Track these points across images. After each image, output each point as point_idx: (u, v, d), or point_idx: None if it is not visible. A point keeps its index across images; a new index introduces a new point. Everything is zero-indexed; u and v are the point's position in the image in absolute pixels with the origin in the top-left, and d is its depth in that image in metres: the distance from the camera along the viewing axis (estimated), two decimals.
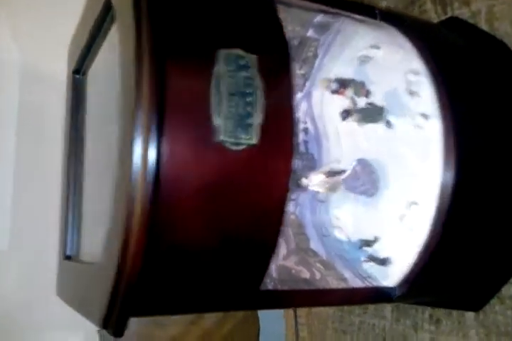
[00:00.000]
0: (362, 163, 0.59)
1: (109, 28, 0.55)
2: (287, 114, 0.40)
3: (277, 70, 0.40)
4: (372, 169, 0.58)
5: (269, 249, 0.41)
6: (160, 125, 0.36)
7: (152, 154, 0.36)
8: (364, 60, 0.59)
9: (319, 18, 0.57)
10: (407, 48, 0.54)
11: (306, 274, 0.56)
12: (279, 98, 0.39)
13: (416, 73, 0.52)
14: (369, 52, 0.58)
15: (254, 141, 0.38)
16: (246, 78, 0.38)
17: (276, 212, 0.40)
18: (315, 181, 0.57)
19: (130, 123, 0.36)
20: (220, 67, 0.37)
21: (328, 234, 0.63)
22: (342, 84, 0.60)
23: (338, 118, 0.61)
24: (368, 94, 0.58)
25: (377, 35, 0.57)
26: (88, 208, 0.64)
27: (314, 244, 0.61)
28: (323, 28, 0.58)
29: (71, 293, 0.61)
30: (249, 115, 0.37)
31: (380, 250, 0.57)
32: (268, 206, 0.40)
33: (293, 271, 0.55)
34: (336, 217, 0.62)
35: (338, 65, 0.60)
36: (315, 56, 0.60)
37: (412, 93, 0.52)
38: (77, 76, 0.66)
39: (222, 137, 0.37)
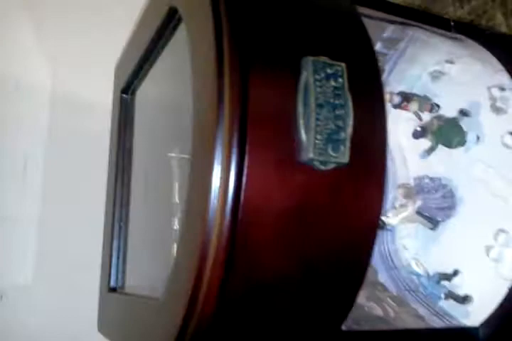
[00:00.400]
0: (433, 181, 0.54)
1: (165, 45, 0.52)
2: (380, 129, 0.35)
3: (367, 79, 0.36)
4: (445, 186, 0.53)
5: (357, 281, 0.36)
6: (242, 143, 0.31)
7: (233, 177, 0.31)
8: (436, 75, 0.54)
9: (389, 32, 0.53)
10: (488, 62, 0.49)
11: (378, 311, 0.50)
12: (371, 111, 0.35)
13: (502, 88, 0.48)
14: (442, 67, 0.54)
15: (345, 159, 0.33)
16: (335, 88, 0.33)
17: (367, 240, 0.35)
18: (391, 217, 0.52)
19: (207, 142, 0.32)
20: (307, 76, 0.33)
21: (395, 266, 0.57)
22: (405, 98, 0.55)
23: (406, 137, 0.56)
24: (432, 109, 0.54)
25: (451, 48, 0.53)
26: (136, 236, 0.60)
27: (383, 277, 0.55)
28: (391, 43, 0.54)
29: (117, 328, 0.56)
30: (339, 130, 0.33)
31: (460, 285, 0.51)
32: (358, 234, 0.35)
33: (366, 309, 0.49)
34: (404, 246, 0.57)
35: (405, 80, 0.56)
36: (381, 71, 0.56)
37: (497, 110, 0.48)
38: (125, 96, 0.63)
39: (311, 155, 0.32)
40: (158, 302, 0.39)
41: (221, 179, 0.31)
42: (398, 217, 0.51)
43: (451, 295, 0.51)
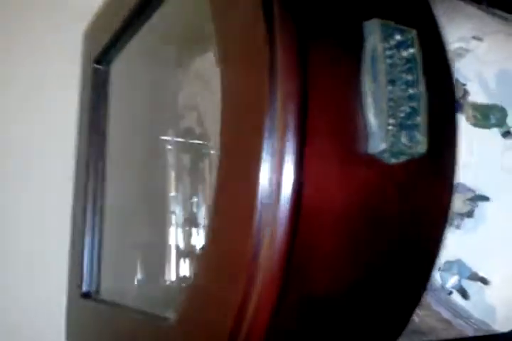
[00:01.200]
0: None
1: (159, 5, 0.43)
2: (451, 113, 0.29)
3: (434, 51, 0.29)
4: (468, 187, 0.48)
5: (421, 288, 0.30)
6: (301, 131, 0.24)
7: (290, 172, 0.24)
8: (460, 53, 0.49)
9: None
10: None
11: None
12: (441, 90, 0.29)
13: None
14: (468, 44, 0.48)
15: (422, 149, 0.27)
16: (408, 60, 0.27)
17: (437, 244, 0.29)
18: None
19: (251, 129, 0.25)
20: (375, 43, 0.26)
21: None
22: None
23: None
24: (465, 94, 0.48)
25: (481, 23, 0.48)
26: (115, 233, 0.51)
27: None
28: None
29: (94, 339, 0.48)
30: (414, 113, 0.26)
31: (485, 288, 0.46)
32: (428, 238, 0.29)
33: None
34: None
35: None
36: None
37: None
38: (99, 66, 0.53)
39: (383, 146, 0.25)
40: (168, 324, 0.31)
41: (275, 174, 0.24)
42: None
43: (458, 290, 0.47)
